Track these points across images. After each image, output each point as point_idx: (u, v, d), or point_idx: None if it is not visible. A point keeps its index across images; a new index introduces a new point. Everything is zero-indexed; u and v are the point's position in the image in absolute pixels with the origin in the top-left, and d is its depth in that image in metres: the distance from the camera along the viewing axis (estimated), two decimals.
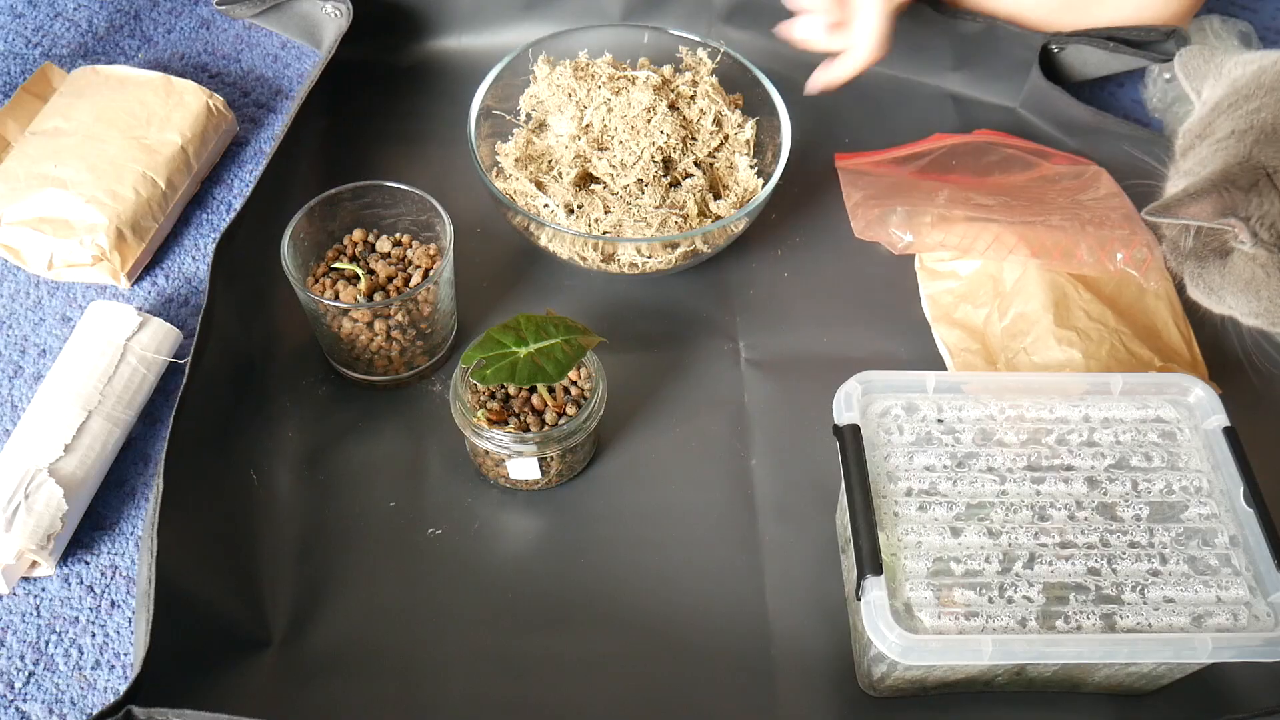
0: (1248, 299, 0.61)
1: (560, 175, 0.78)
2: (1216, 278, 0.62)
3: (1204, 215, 0.57)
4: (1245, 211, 0.57)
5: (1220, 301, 0.63)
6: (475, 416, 0.65)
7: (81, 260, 0.77)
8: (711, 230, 0.73)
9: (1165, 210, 0.58)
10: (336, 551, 0.66)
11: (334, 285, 0.70)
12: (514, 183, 0.78)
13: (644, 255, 0.75)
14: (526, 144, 0.80)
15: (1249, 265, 0.60)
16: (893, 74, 0.94)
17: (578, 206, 0.76)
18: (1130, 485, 0.59)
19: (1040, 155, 0.87)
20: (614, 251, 0.75)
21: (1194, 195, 0.57)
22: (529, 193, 0.77)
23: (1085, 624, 0.54)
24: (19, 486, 0.64)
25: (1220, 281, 0.61)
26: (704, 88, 0.81)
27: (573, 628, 0.64)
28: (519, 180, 0.77)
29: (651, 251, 0.74)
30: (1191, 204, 0.57)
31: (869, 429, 0.61)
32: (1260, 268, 0.59)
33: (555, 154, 0.79)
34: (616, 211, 0.75)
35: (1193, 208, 0.57)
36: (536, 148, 0.80)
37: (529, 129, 0.81)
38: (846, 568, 0.65)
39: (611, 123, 0.78)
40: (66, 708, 0.62)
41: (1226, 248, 0.60)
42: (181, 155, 0.82)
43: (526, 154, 0.79)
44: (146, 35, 0.97)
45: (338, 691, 0.61)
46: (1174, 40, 0.87)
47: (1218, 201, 0.56)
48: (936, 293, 0.79)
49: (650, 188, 0.76)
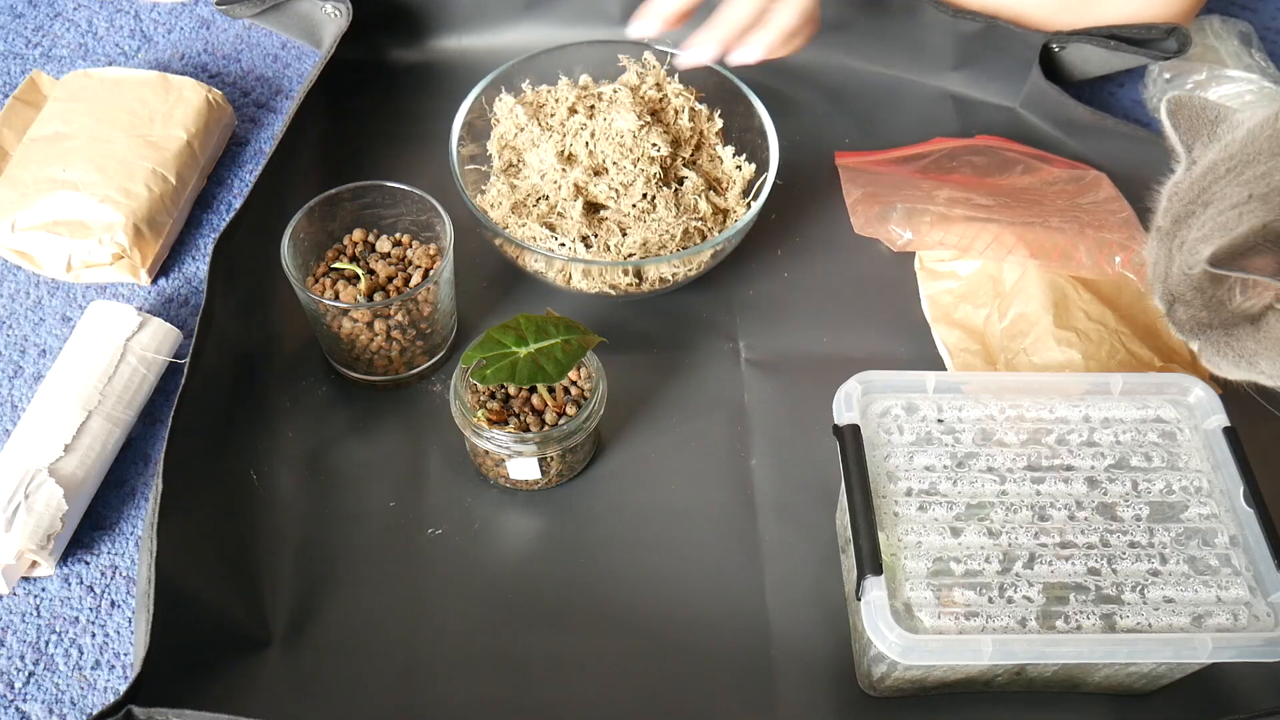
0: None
1: (564, 212, 0.75)
2: (1250, 344, 0.59)
3: (1269, 270, 0.53)
4: None
5: (1253, 368, 0.60)
6: (475, 416, 0.65)
7: (101, 260, 0.77)
8: (743, 225, 0.73)
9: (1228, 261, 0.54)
10: (336, 551, 0.66)
11: (334, 285, 0.70)
12: (522, 230, 0.75)
13: (675, 267, 0.74)
14: (510, 189, 0.77)
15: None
16: (893, 74, 0.94)
17: (593, 236, 0.75)
18: (1130, 485, 0.59)
19: (1040, 160, 0.87)
20: (644, 271, 0.74)
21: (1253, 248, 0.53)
22: (541, 235, 0.74)
23: (1085, 624, 0.54)
24: (19, 486, 0.64)
25: (1255, 347, 0.59)
26: (674, 87, 0.80)
27: (573, 628, 0.64)
28: (529, 227, 0.74)
29: (684, 261, 0.74)
30: (1255, 258, 0.53)
31: (869, 429, 0.61)
32: None
33: (543, 190, 0.76)
34: (634, 231, 0.74)
35: (1259, 262, 0.53)
36: (521, 190, 0.77)
37: (503, 174, 0.79)
38: (846, 568, 0.65)
39: (599, 146, 0.76)
40: (66, 708, 0.62)
41: (1257, 311, 0.58)
42: (188, 150, 0.82)
43: (514, 199, 0.76)
44: (146, 35, 0.97)
45: (337, 691, 0.61)
46: (1175, 38, 0.87)
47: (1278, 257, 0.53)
48: (936, 293, 0.79)
49: (659, 200, 0.76)
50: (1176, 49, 0.87)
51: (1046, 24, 0.90)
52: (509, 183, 0.78)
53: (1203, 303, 0.59)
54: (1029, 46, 0.89)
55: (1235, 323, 0.59)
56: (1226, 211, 0.56)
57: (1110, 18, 0.88)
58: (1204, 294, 0.58)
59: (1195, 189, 0.59)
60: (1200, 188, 0.59)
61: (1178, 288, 0.59)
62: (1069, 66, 0.92)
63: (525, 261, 0.75)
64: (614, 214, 0.76)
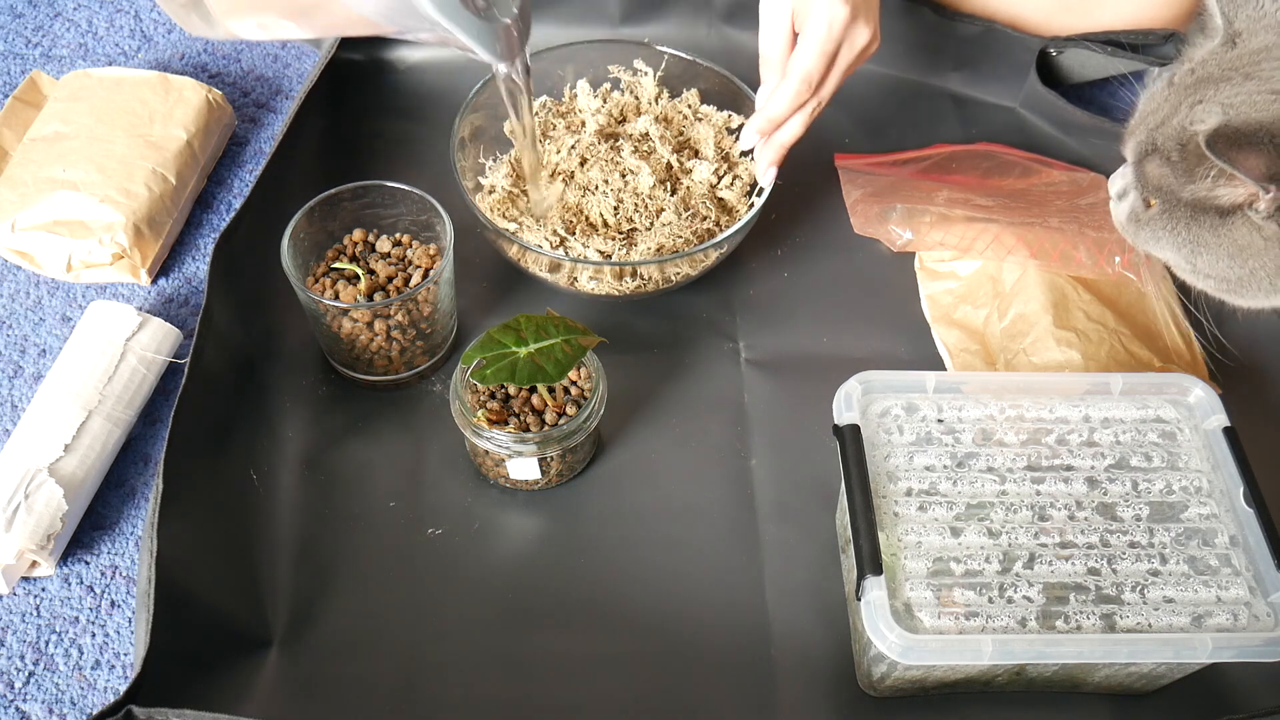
0: (1229, 263, 0.57)
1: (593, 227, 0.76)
2: (1206, 235, 0.57)
3: (1256, 173, 0.51)
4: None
5: (1191, 256, 0.58)
6: (475, 416, 0.65)
7: (101, 260, 0.77)
8: (743, 225, 0.73)
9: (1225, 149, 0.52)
10: (336, 551, 0.66)
11: (334, 285, 0.70)
12: (536, 235, 0.76)
13: (680, 266, 0.74)
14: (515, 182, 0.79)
15: (1250, 233, 0.55)
16: (893, 74, 0.94)
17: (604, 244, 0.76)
18: (1130, 485, 0.59)
19: (1040, 164, 0.87)
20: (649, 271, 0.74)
21: (1250, 144, 0.51)
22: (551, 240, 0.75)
23: (1085, 624, 0.54)
24: (19, 486, 0.64)
25: (1210, 239, 0.57)
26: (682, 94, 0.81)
27: (573, 628, 0.64)
28: (535, 233, 0.75)
29: (689, 260, 0.74)
30: (1249, 155, 0.51)
31: (869, 429, 0.61)
32: (1263, 239, 0.55)
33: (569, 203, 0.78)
34: (644, 238, 0.75)
35: (1250, 160, 0.51)
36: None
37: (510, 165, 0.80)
38: (846, 568, 0.65)
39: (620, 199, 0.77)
40: (66, 708, 0.62)
41: (1231, 207, 0.56)
42: (188, 150, 0.82)
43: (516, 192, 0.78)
44: (146, 35, 0.97)
45: (337, 691, 0.61)
46: (1172, 43, 0.87)
47: (1273, 162, 0.51)
48: (936, 293, 0.79)
49: (667, 206, 0.76)
50: (1174, 54, 0.87)
51: (1044, 26, 0.90)
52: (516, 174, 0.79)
53: (1183, 168, 0.56)
54: (1027, 49, 0.90)
55: (1202, 208, 0.57)
56: (1264, 93, 0.54)
57: (1108, 21, 0.89)
58: (1188, 160, 0.56)
59: (1241, 59, 0.56)
60: (1249, 60, 0.56)
61: (1166, 142, 0.57)
62: (1067, 70, 0.92)
63: (529, 264, 0.75)
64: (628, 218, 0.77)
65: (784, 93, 0.69)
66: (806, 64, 0.68)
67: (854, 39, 0.68)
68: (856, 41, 0.69)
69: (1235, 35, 0.58)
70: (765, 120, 0.72)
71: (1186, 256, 0.60)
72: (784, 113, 0.71)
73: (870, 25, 0.69)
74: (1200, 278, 0.60)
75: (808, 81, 0.68)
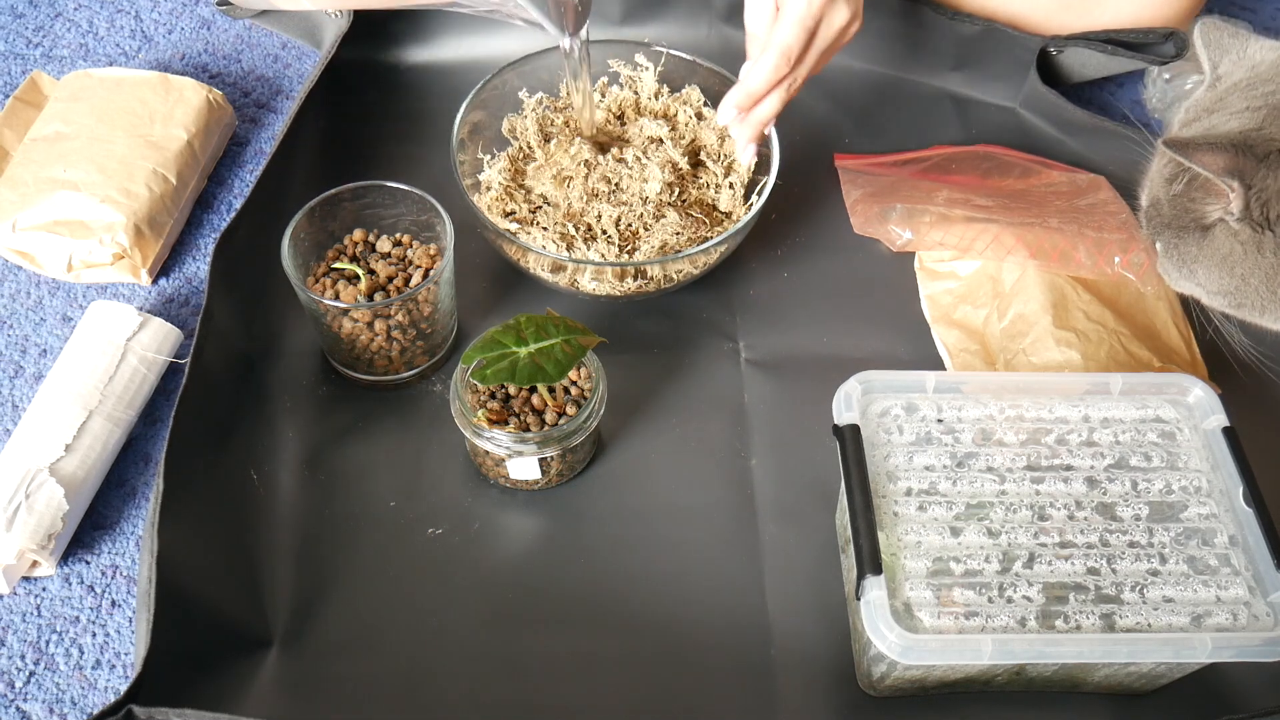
0: (1221, 276, 0.61)
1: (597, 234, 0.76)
2: (1193, 249, 0.61)
3: (1214, 167, 0.56)
4: (1250, 179, 0.56)
5: (1191, 275, 0.63)
6: (475, 416, 0.65)
7: (101, 260, 0.77)
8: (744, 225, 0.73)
9: (1182, 147, 0.57)
10: (336, 551, 0.66)
11: (334, 285, 0.70)
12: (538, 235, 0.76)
13: (682, 265, 0.74)
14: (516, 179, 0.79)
15: (1229, 241, 0.59)
16: (893, 74, 0.95)
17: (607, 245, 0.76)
18: (1130, 485, 0.59)
19: (1040, 165, 0.88)
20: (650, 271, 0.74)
21: (1210, 145, 0.56)
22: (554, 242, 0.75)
23: (1085, 624, 0.54)
24: (20, 486, 0.64)
25: (1196, 254, 0.61)
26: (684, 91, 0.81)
27: (573, 628, 0.64)
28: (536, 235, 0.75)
29: (691, 260, 0.74)
30: (1206, 152, 0.56)
31: (869, 429, 0.61)
32: (1240, 244, 0.59)
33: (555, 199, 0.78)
34: (648, 238, 0.75)
35: (1206, 156, 0.56)
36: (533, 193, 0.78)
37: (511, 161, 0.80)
38: (846, 568, 0.65)
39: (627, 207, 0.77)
40: (67, 707, 0.62)
41: (1208, 221, 0.60)
42: (188, 150, 0.82)
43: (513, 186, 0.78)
44: (147, 35, 0.97)
45: (337, 691, 0.61)
46: (1173, 42, 0.87)
47: (1231, 160, 0.56)
48: (936, 293, 0.79)
49: (669, 208, 0.76)
50: (1174, 53, 0.87)
51: (1045, 25, 0.90)
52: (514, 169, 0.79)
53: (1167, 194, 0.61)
54: (1027, 49, 0.90)
55: (1188, 228, 0.61)
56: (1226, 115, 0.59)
57: (1108, 20, 0.89)
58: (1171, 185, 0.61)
59: (1214, 100, 0.61)
60: (1217, 98, 0.61)
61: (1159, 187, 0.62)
62: (1068, 69, 0.92)
63: (529, 264, 0.75)
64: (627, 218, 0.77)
65: (762, 66, 0.70)
66: (785, 37, 0.68)
67: (833, 16, 0.69)
68: (835, 19, 0.69)
69: (1218, 79, 0.63)
70: (744, 95, 0.72)
71: (1188, 276, 0.63)
72: (761, 87, 0.71)
73: (851, 4, 0.70)
74: (1211, 296, 0.63)
75: (786, 56, 0.69)
